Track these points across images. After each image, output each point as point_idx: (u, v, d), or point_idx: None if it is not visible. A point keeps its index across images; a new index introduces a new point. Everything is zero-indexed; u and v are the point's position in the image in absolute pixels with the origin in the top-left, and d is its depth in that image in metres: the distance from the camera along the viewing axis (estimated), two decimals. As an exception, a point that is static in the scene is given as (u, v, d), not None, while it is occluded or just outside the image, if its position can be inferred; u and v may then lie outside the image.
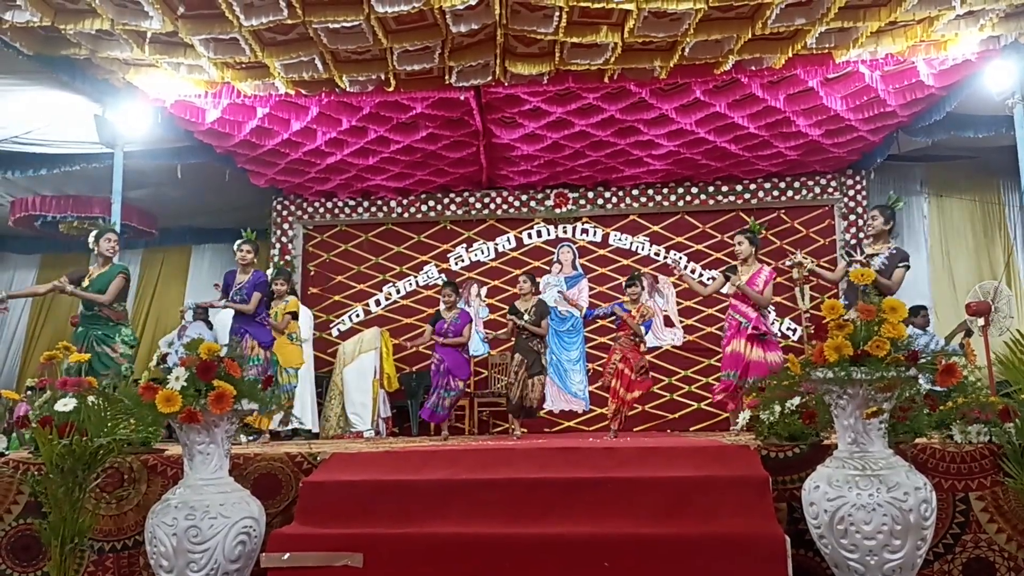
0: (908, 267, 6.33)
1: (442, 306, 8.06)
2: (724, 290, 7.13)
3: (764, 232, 7.34)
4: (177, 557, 3.49)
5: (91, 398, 3.87)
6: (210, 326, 10.14)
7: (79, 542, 3.81)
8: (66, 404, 3.89)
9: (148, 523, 3.61)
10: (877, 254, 6.36)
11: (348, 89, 7.68)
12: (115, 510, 4.37)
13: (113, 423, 3.87)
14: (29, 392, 7.52)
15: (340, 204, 10.91)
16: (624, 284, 7.73)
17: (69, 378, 4.25)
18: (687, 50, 7.10)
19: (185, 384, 3.51)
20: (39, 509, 4.07)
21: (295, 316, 7.84)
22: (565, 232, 10.78)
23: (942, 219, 10.55)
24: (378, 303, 10.78)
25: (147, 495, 4.36)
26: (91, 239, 6.93)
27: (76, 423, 3.80)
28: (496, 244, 10.81)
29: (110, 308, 6.59)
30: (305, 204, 10.95)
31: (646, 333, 7.56)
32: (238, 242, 7.30)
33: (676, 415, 10.05)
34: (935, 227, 10.56)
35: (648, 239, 10.61)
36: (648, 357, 7.80)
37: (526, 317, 7.60)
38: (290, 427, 8.31)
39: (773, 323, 8.01)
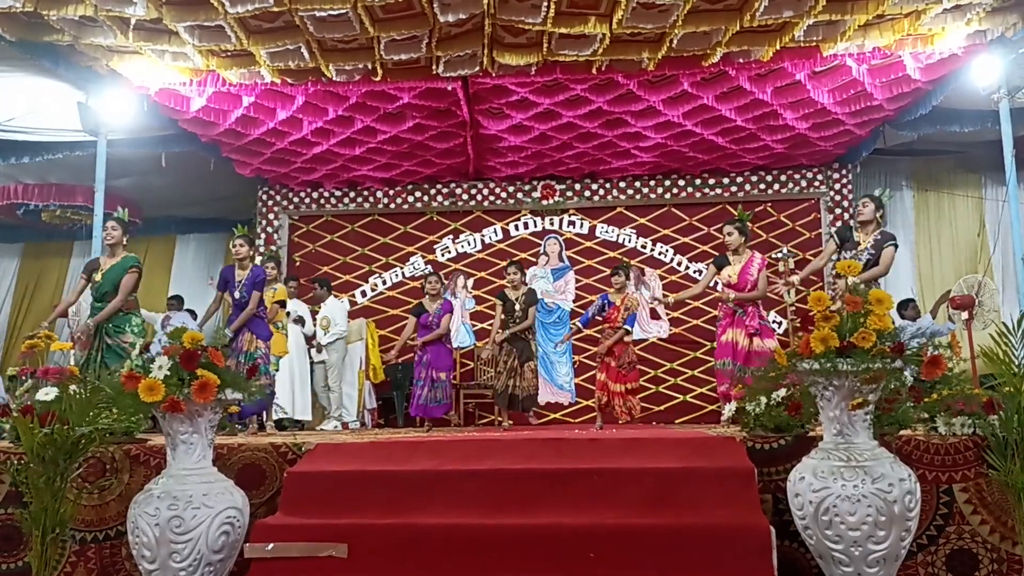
0: (896, 246, 6.38)
1: (426, 297, 8.01)
2: (711, 284, 7.10)
3: (750, 223, 7.34)
4: (160, 547, 3.46)
5: (73, 387, 3.84)
6: (194, 316, 10.09)
7: (60, 532, 3.79)
8: (48, 393, 3.86)
9: (130, 513, 3.58)
10: (864, 245, 6.38)
11: (334, 78, 7.64)
12: (97, 500, 4.33)
13: (95, 412, 3.84)
14: (11, 380, 7.46)
15: (326, 194, 10.86)
16: (610, 274, 7.72)
17: (51, 367, 4.22)
18: (675, 42, 7.09)
19: (168, 373, 3.48)
20: (20, 499, 4.04)
21: (283, 304, 7.78)
22: (552, 224, 10.77)
23: (927, 213, 10.61)
24: (364, 294, 10.74)
25: (130, 485, 4.32)
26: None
27: (58, 412, 3.77)
28: (483, 235, 10.79)
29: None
30: (291, 194, 10.90)
31: (632, 326, 7.54)
32: (233, 239, 7.19)
33: (662, 407, 10.06)
34: (920, 221, 10.62)
35: (635, 231, 10.62)
36: (635, 350, 7.83)
37: (517, 307, 7.60)
38: (276, 417, 8.22)
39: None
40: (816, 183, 10.38)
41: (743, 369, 6.42)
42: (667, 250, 10.52)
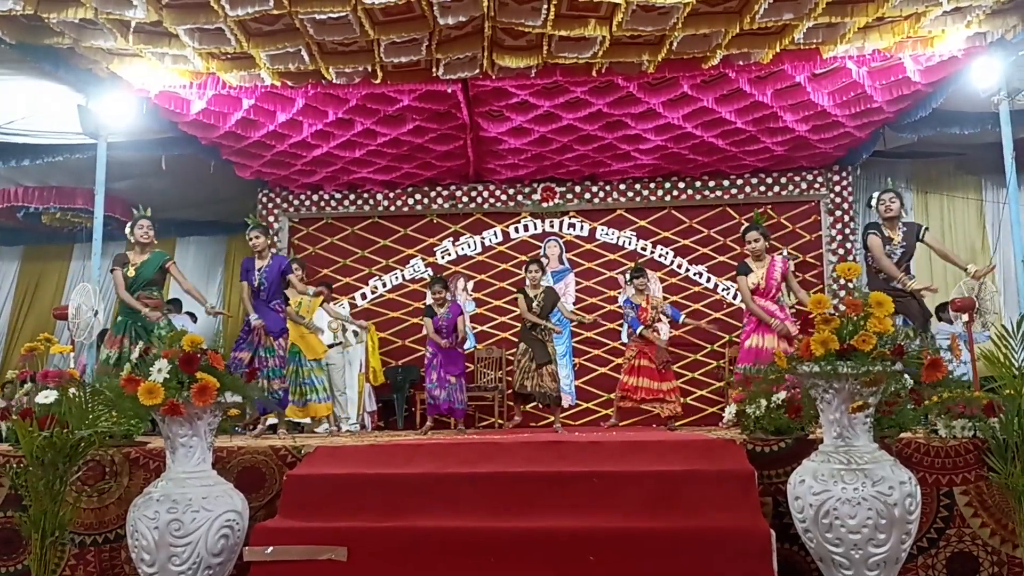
0: (927, 228, 6.66)
1: (431, 301, 7.98)
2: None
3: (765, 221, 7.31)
4: (159, 551, 3.46)
5: (72, 390, 3.84)
6: (194, 318, 10.10)
7: (60, 535, 3.79)
8: (47, 396, 3.86)
9: (130, 516, 3.58)
10: (892, 240, 6.39)
11: (334, 81, 7.63)
12: (96, 503, 4.33)
13: (95, 415, 3.84)
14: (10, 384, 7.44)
15: (326, 197, 10.85)
16: (629, 277, 7.72)
17: (51, 370, 4.22)
18: (675, 44, 7.09)
19: (168, 376, 3.48)
20: (19, 502, 4.05)
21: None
22: (552, 226, 10.75)
23: (927, 215, 10.59)
24: (364, 296, 10.74)
25: (129, 488, 4.33)
26: (127, 228, 6.97)
27: (57, 415, 3.77)
28: (483, 238, 10.79)
29: (149, 296, 6.60)
30: (291, 197, 10.89)
31: (676, 318, 7.61)
32: (248, 230, 7.22)
33: (662, 410, 10.04)
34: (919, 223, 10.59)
35: (635, 233, 10.61)
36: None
37: (535, 305, 7.62)
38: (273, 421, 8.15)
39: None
40: (816, 185, 10.37)
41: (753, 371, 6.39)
42: (667, 252, 10.51)
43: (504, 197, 10.73)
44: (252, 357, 6.77)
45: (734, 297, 10.21)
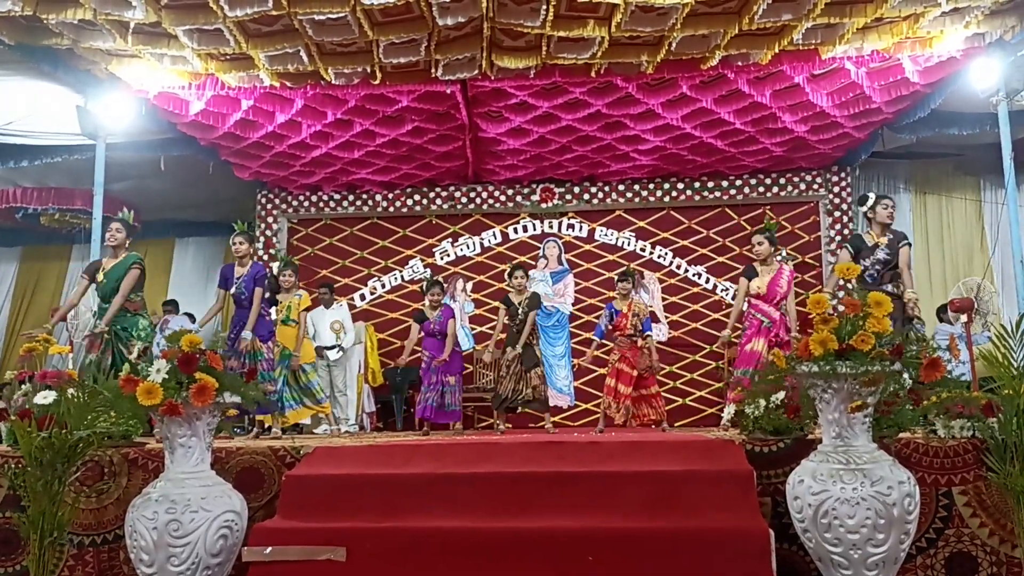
0: (910, 244, 6.44)
1: (427, 304, 7.95)
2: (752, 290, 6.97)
3: (777, 227, 7.26)
4: (158, 551, 3.46)
5: (71, 390, 3.84)
6: (193, 319, 10.09)
7: (58, 536, 3.79)
8: (46, 397, 3.86)
9: (128, 517, 3.58)
10: (879, 245, 6.35)
11: (333, 81, 7.63)
12: (95, 504, 4.33)
13: (93, 416, 3.84)
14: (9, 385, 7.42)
15: (325, 198, 10.85)
16: (616, 280, 7.70)
17: (49, 370, 4.22)
18: (674, 45, 7.09)
19: (167, 376, 3.48)
20: (18, 502, 4.04)
21: (307, 311, 7.71)
22: (551, 227, 10.75)
23: (925, 216, 10.60)
24: (363, 297, 10.74)
25: (128, 489, 4.32)
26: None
27: (56, 416, 3.77)
28: (482, 239, 10.78)
29: (127, 300, 6.50)
30: (290, 197, 10.89)
31: (649, 330, 7.52)
32: (233, 236, 7.13)
33: (661, 410, 10.05)
34: (918, 224, 10.59)
35: (634, 234, 10.61)
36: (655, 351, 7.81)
37: (520, 311, 7.59)
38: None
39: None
40: (815, 186, 10.37)
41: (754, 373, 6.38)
42: (666, 253, 10.51)
43: (503, 198, 10.73)
44: (243, 363, 6.70)
45: (732, 297, 10.21)
